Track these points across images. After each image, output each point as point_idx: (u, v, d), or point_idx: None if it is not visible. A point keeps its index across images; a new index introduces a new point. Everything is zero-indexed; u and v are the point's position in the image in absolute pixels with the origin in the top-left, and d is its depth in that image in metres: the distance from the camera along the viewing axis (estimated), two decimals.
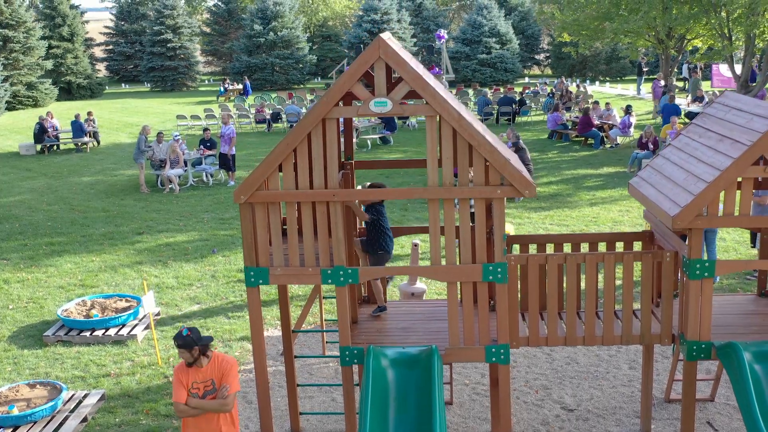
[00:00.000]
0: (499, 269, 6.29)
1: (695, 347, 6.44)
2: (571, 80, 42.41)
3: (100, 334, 10.19)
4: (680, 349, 6.66)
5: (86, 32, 47.79)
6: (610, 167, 20.52)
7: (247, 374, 8.94)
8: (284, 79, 47.25)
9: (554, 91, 32.98)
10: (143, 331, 10.32)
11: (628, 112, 24.05)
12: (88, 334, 10.20)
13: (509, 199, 6.68)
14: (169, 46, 46.97)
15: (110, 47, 53.96)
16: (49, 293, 12.02)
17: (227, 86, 40.85)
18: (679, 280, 6.95)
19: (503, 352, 6.46)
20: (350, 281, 6.42)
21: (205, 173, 20.09)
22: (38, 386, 8.46)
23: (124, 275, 12.77)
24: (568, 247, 7.77)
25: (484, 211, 6.28)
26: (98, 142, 26.90)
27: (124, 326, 10.40)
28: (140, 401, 8.50)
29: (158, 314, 10.89)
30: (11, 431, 7.77)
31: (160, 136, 20.15)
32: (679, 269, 6.82)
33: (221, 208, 17.22)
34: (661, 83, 29.82)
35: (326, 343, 9.50)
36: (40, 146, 25.46)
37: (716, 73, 36.25)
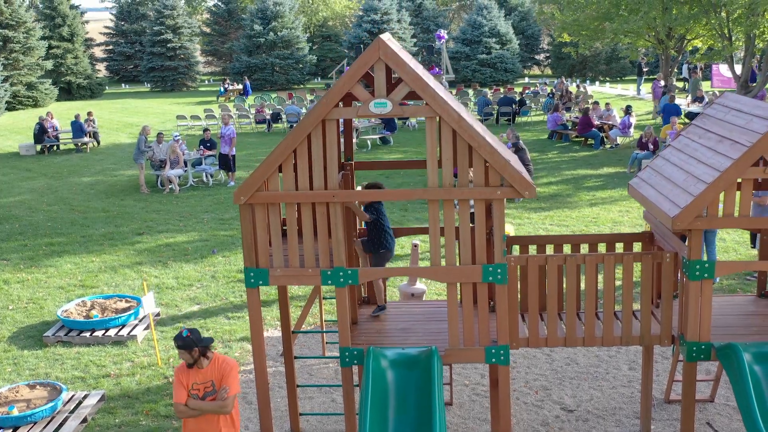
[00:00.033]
0: (498, 270, 6.30)
1: (695, 348, 6.44)
2: (571, 80, 42.40)
3: (100, 334, 10.20)
4: (680, 350, 6.66)
5: (86, 32, 47.80)
6: (610, 168, 20.52)
7: (247, 375, 8.95)
8: (284, 79, 47.25)
9: (554, 91, 32.97)
10: (143, 331, 10.32)
11: (627, 112, 24.04)
12: (88, 334, 10.20)
13: (509, 199, 6.68)
14: (169, 46, 46.97)
15: (110, 47, 53.98)
16: (49, 294, 12.02)
17: (227, 86, 40.83)
18: (678, 280, 6.96)
19: (503, 353, 6.46)
20: (350, 282, 6.43)
21: (205, 174, 20.09)
22: (38, 387, 8.46)
23: (124, 276, 12.77)
24: (567, 248, 7.78)
25: (483, 212, 6.28)
26: (98, 142, 26.90)
27: (124, 327, 10.41)
28: (140, 402, 8.50)
29: (158, 315, 10.90)
30: None
31: (160, 136, 20.14)
32: (678, 270, 6.83)
33: (221, 208, 17.23)
34: (661, 83, 29.82)
35: (326, 343, 9.50)
36: (40, 146, 25.47)
37: (716, 73, 36.27)
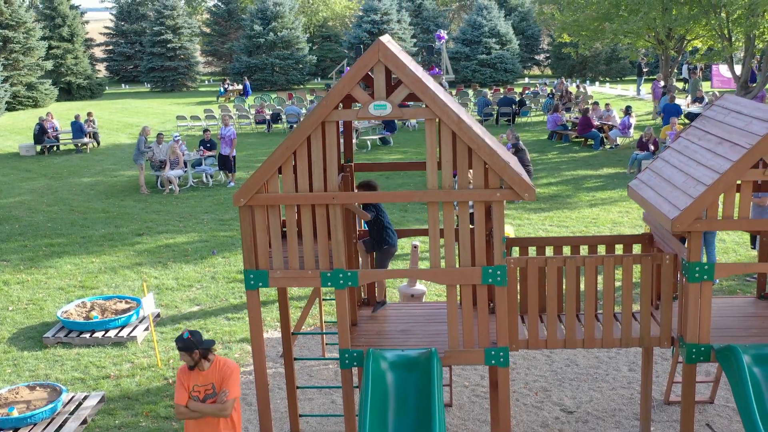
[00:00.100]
0: (498, 272, 6.30)
1: (694, 350, 6.44)
2: (570, 81, 42.40)
3: (99, 335, 10.20)
4: (679, 351, 6.66)
5: (86, 32, 47.79)
6: (609, 168, 20.52)
7: (246, 376, 8.95)
8: (284, 79, 47.25)
9: (554, 91, 32.97)
10: (143, 332, 10.32)
11: (627, 112, 24.04)
12: (87, 335, 10.20)
13: (509, 200, 6.68)
14: (169, 46, 46.97)
15: (110, 47, 53.98)
16: (48, 295, 12.02)
17: (227, 87, 40.82)
18: (678, 282, 6.96)
19: (503, 354, 6.46)
20: (349, 284, 6.43)
21: (205, 174, 20.09)
22: (38, 388, 8.46)
23: (123, 276, 12.78)
24: (567, 249, 7.78)
25: (483, 213, 6.28)
26: (98, 142, 26.90)
27: (123, 328, 10.42)
28: (140, 403, 8.50)
29: (158, 316, 10.90)
30: None
31: (159, 137, 20.14)
32: (678, 272, 6.83)
33: (221, 209, 17.23)
34: (660, 84, 29.83)
35: (326, 344, 9.50)
36: (40, 147, 25.47)
37: (716, 73, 36.31)
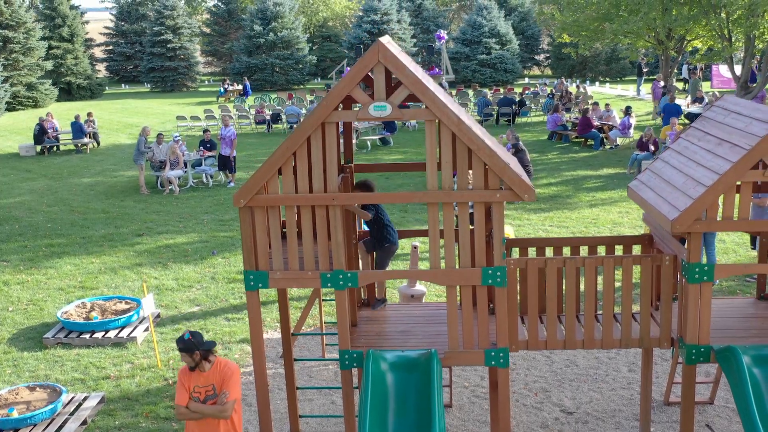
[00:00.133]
0: (498, 273, 6.29)
1: (694, 351, 6.44)
2: (570, 81, 42.41)
3: (99, 336, 10.21)
4: (679, 352, 6.66)
5: (86, 33, 47.80)
6: (609, 168, 20.52)
7: (246, 377, 8.95)
8: (284, 79, 47.25)
9: (554, 91, 32.98)
10: (143, 333, 10.32)
11: (627, 113, 24.05)
12: (87, 336, 10.21)
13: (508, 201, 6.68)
14: (169, 46, 46.98)
15: (110, 48, 54.00)
16: (48, 295, 12.03)
17: (227, 87, 40.83)
18: (678, 283, 6.96)
19: (502, 355, 6.46)
20: (349, 285, 6.42)
21: (204, 174, 20.10)
22: (38, 389, 8.46)
23: (123, 277, 12.78)
24: (567, 250, 7.78)
25: (483, 214, 6.28)
26: (98, 143, 26.90)
27: (123, 328, 10.42)
28: (140, 404, 8.50)
29: (158, 316, 10.90)
30: None
31: (159, 137, 20.14)
32: (678, 272, 6.83)
33: (221, 209, 17.23)
34: (660, 84, 29.83)
35: (326, 345, 9.50)
36: (40, 147, 25.47)
37: (716, 73, 36.33)
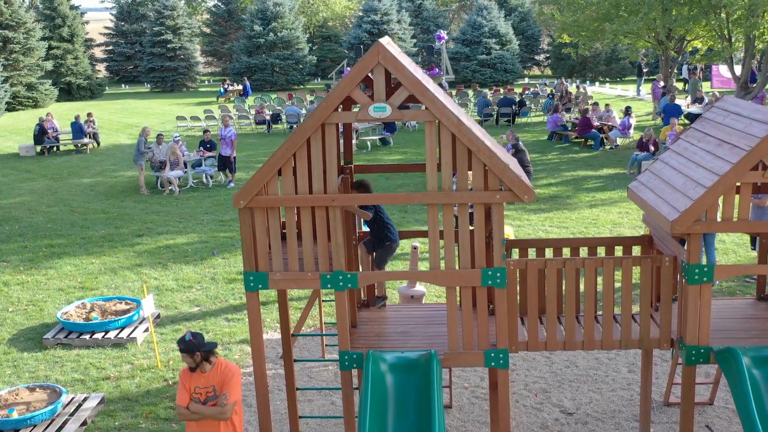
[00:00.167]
0: (498, 274, 6.29)
1: (694, 352, 6.44)
2: (570, 81, 42.41)
3: (99, 336, 10.21)
4: (679, 353, 6.66)
5: (86, 33, 47.81)
6: (609, 169, 20.52)
7: (246, 377, 8.95)
8: (284, 79, 47.25)
9: (554, 92, 32.98)
10: (143, 333, 10.33)
11: (627, 113, 24.05)
12: (87, 336, 10.21)
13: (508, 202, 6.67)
14: (169, 46, 46.98)
15: (110, 48, 54.00)
16: (48, 296, 12.03)
17: (227, 87, 40.82)
18: (678, 284, 6.96)
19: (502, 356, 6.46)
20: (349, 286, 6.42)
21: (204, 175, 20.10)
22: (38, 389, 8.47)
23: (123, 277, 12.78)
24: (567, 251, 7.78)
25: (483, 215, 6.28)
26: (98, 143, 26.90)
27: (123, 329, 10.42)
28: (140, 404, 8.50)
29: (158, 317, 10.90)
30: None
31: (159, 137, 20.13)
32: (678, 273, 6.83)
33: (221, 210, 17.23)
34: (660, 84, 29.83)
35: (326, 346, 9.50)
36: (40, 147, 25.47)
37: (716, 74, 36.32)
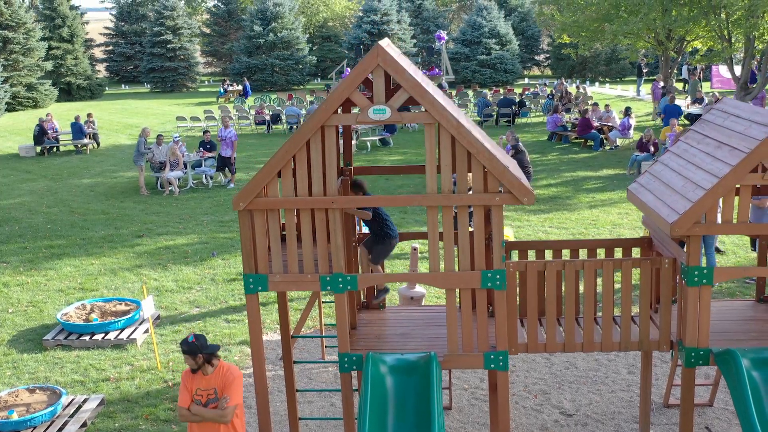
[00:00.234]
0: (497, 276, 6.30)
1: (693, 354, 6.44)
2: (570, 81, 42.41)
3: (99, 338, 10.21)
4: (679, 355, 6.67)
5: (86, 33, 47.80)
6: (609, 169, 20.53)
7: (246, 379, 8.94)
8: (284, 80, 47.25)
9: (554, 92, 32.97)
10: (143, 335, 10.33)
11: (627, 113, 24.05)
12: (87, 338, 10.21)
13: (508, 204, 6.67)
14: (169, 47, 46.97)
15: (110, 48, 53.98)
16: (48, 297, 12.03)
17: (227, 87, 40.81)
18: (677, 285, 6.96)
19: (502, 358, 6.46)
20: (349, 288, 6.42)
21: (204, 175, 20.10)
22: (38, 391, 8.47)
23: (123, 278, 12.78)
24: (566, 252, 7.78)
25: (482, 217, 6.28)
26: (98, 143, 26.90)
27: (123, 330, 10.42)
28: (140, 406, 8.50)
29: (158, 318, 10.90)
30: None
31: (159, 138, 20.14)
32: (677, 275, 6.83)
33: (221, 210, 17.23)
34: (660, 85, 29.83)
35: (325, 347, 9.50)
36: (39, 148, 25.47)
37: (716, 74, 36.31)
